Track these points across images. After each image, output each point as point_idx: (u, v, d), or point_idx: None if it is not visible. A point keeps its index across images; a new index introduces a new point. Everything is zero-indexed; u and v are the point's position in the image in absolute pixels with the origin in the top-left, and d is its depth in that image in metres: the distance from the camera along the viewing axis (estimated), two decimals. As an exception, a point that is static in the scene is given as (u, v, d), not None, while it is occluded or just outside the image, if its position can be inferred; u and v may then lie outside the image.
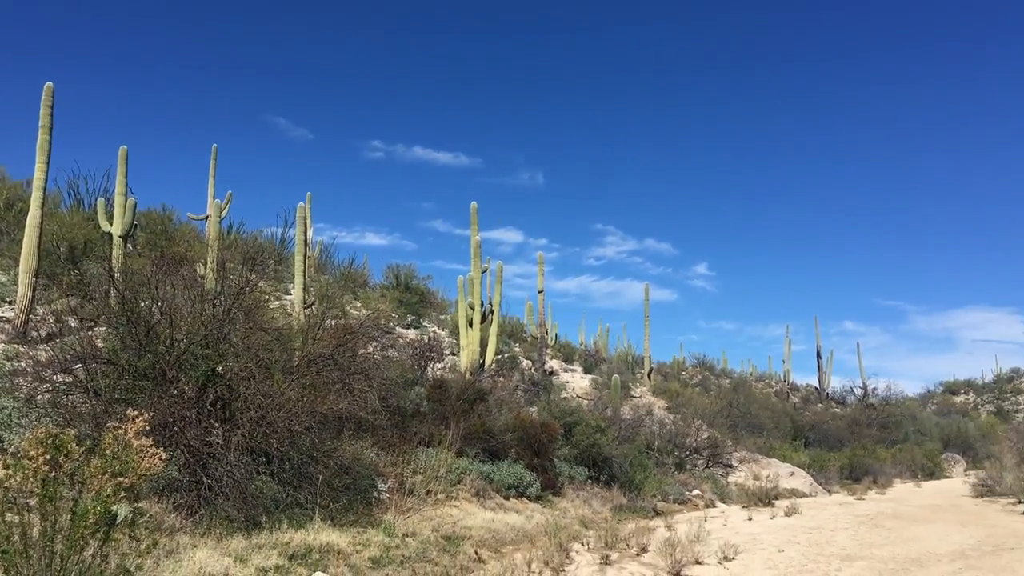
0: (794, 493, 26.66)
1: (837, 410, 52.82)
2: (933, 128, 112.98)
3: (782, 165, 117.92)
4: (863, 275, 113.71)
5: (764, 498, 23.01)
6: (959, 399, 68.53)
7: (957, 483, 34.79)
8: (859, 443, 39.62)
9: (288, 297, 25.32)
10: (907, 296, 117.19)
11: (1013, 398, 67.20)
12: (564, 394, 30.06)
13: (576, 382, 35.00)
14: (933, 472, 39.48)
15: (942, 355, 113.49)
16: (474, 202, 27.24)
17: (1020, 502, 21.94)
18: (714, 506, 22.93)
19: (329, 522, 10.52)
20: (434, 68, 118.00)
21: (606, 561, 11.64)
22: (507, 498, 15.86)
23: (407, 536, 11.11)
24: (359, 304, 29.58)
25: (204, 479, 9.65)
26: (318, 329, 13.32)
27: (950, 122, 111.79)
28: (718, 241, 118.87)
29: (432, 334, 29.07)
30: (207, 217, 26.95)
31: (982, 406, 66.60)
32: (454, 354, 27.56)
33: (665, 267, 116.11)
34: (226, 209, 27.56)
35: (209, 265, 16.78)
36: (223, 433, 10.00)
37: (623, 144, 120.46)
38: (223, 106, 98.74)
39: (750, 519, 18.98)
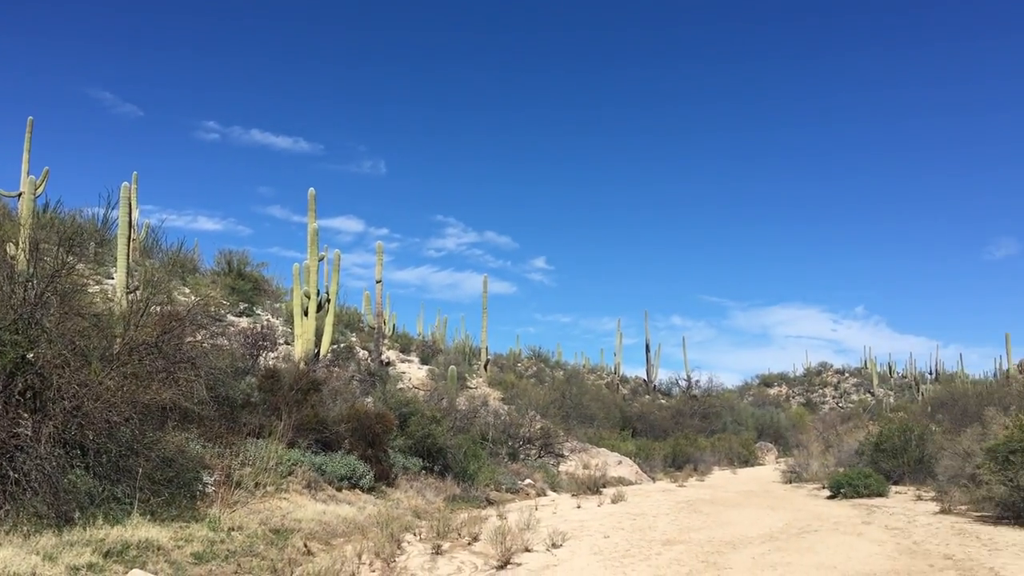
0: (621, 481, 27.64)
1: (663, 401, 55.18)
2: (752, 137, 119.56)
3: (616, 163, 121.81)
4: (690, 272, 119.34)
5: (593, 486, 23.72)
6: (773, 391, 73.12)
7: (769, 470, 37.14)
8: (682, 433, 41.57)
9: (110, 281, 23.96)
10: (729, 293, 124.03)
11: (820, 390, 72.37)
12: (400, 385, 29.95)
13: (413, 373, 34.93)
14: (748, 460, 41.94)
15: (759, 349, 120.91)
16: (312, 188, 26.70)
17: (824, 487, 23.61)
18: (545, 495, 23.46)
19: (149, 517, 10.06)
20: (274, 49, 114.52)
21: (438, 551, 11.69)
22: (339, 490, 15.65)
23: (233, 530, 10.78)
24: (188, 290, 28.38)
25: (10, 473, 9.01)
26: (142, 315, 12.67)
27: (764, 131, 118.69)
28: (557, 236, 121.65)
29: (266, 323, 28.28)
30: (20, 194, 25.18)
31: (793, 398, 71.40)
32: (288, 343, 26.92)
33: (505, 260, 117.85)
34: (42, 186, 25.82)
35: (21, 245, 15.65)
36: (33, 424, 9.37)
37: (466, 135, 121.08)
38: (41, 77, 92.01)
39: (579, 507, 19.55)
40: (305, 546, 11.09)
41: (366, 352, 32.90)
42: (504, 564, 10.91)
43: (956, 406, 29.98)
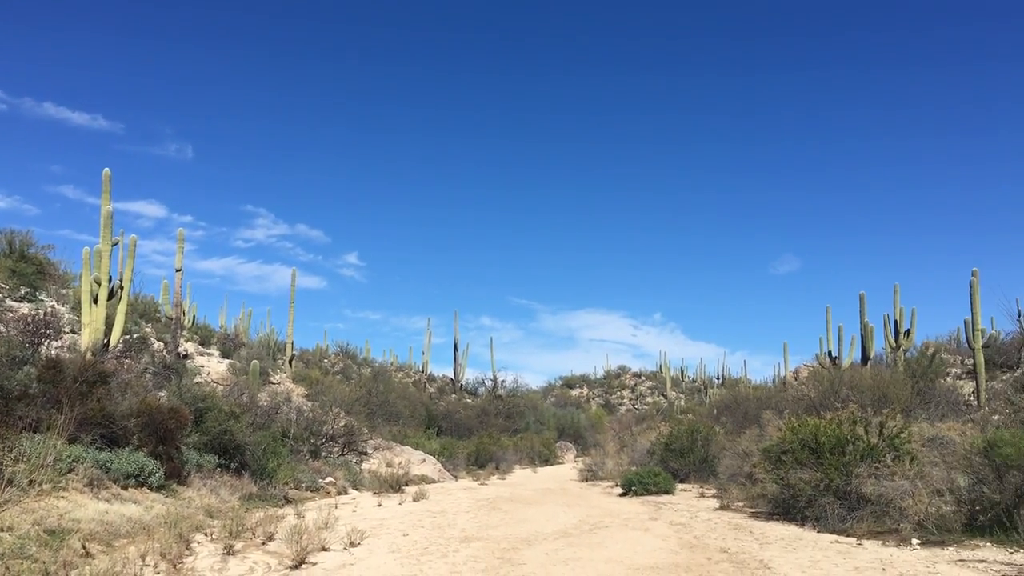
0: (424, 479, 27.73)
1: (469, 400, 55.85)
2: (560, 147, 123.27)
3: (429, 162, 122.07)
4: (501, 275, 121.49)
5: (395, 485, 23.68)
6: (575, 392, 75.57)
7: (568, 468, 38.39)
8: (486, 432, 42.24)
9: None
10: (538, 296, 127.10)
11: (618, 392, 75.51)
12: (198, 379, 28.71)
13: (212, 367, 33.55)
14: (548, 459, 43.15)
15: (564, 352, 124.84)
16: (107, 169, 24.97)
17: (617, 485, 24.67)
18: (347, 493, 23.18)
19: (-98, 518, 9.15)
20: (73, 18, 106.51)
21: (229, 551, 11.31)
22: (126, 488, 14.81)
23: (2, 531, 9.98)
24: (-40, 271, 26.01)
25: None
26: (-98, 296, 11.52)
27: (571, 142, 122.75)
28: (370, 231, 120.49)
29: (50, 309, 26.33)
30: None
31: (593, 399, 74.12)
32: (75, 332, 25.20)
33: (316, 254, 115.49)
34: None
35: None
36: None
37: (280, 123, 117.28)
38: None
39: (380, 505, 19.48)
40: (83, 547, 10.43)
41: (162, 344, 31.30)
42: (299, 564, 10.71)
43: (739, 409, 32.17)
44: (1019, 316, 31.16)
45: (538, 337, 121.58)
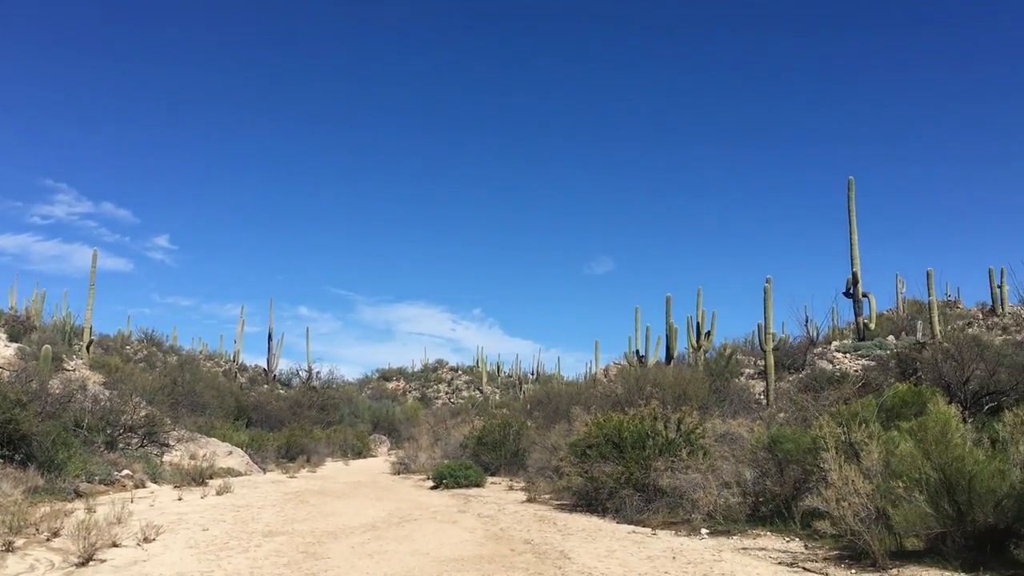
0: (230, 472, 26.84)
1: (282, 391, 54.52)
2: (391, 137, 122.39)
3: (246, 139, 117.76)
4: (320, 264, 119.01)
5: (198, 478, 22.82)
6: (391, 385, 75.28)
7: (380, 461, 38.28)
8: (298, 424, 41.39)
9: None
10: (357, 288, 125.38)
11: (435, 386, 75.87)
12: (-19, 363, 26.52)
13: (-1, 351, 31.12)
14: (362, 451, 42.86)
15: (383, 344, 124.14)
16: None
17: (429, 478, 24.80)
18: (145, 487, 22.08)
19: None
20: None
21: (8, 548, 10.55)
22: None
23: None
24: None
25: None
26: None
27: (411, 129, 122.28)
28: (182, 213, 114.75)
29: None
30: None
31: (410, 392, 74.10)
32: None
33: (123, 235, 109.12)
34: None
35: None
36: None
37: (82, 91, 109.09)
38: None
39: (180, 499, 18.71)
40: None
41: (-60, 324, 28.73)
42: (86, 561, 10.12)
43: (550, 404, 33.04)
44: (806, 321, 33.83)
45: (356, 329, 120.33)
